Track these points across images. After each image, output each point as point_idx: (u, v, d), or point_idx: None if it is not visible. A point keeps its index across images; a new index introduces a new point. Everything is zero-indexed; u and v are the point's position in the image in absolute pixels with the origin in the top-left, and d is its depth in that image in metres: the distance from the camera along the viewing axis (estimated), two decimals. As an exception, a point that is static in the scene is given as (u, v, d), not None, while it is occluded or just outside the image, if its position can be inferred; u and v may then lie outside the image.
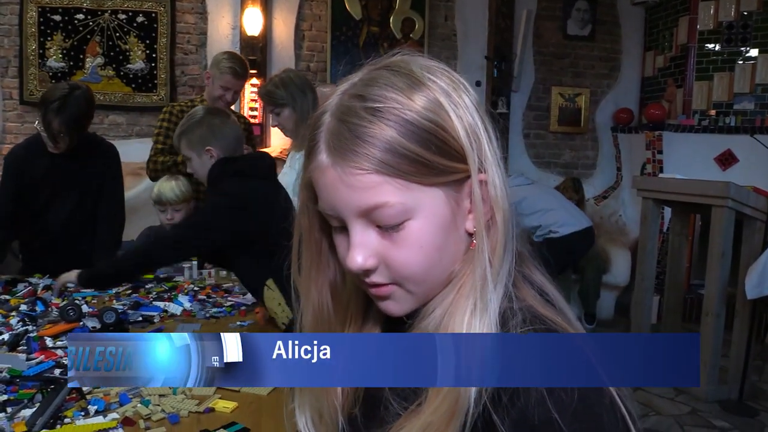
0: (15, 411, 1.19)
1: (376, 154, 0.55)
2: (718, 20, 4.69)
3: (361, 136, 0.56)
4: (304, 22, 4.73)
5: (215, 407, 1.27)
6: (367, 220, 0.58)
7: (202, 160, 1.81)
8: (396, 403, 0.59)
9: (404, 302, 0.62)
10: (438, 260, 0.59)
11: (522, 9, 4.99)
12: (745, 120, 4.64)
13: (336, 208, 0.59)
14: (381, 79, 0.58)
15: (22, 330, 1.65)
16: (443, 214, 0.59)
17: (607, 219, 5.05)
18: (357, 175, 0.56)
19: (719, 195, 3.13)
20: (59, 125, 2.15)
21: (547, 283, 0.64)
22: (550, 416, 0.50)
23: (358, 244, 0.59)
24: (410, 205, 0.57)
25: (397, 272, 0.59)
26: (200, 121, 1.82)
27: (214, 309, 1.96)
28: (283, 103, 2.31)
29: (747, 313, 3.21)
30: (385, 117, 0.56)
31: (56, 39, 4.31)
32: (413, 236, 0.58)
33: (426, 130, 0.56)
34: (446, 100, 0.57)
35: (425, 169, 0.56)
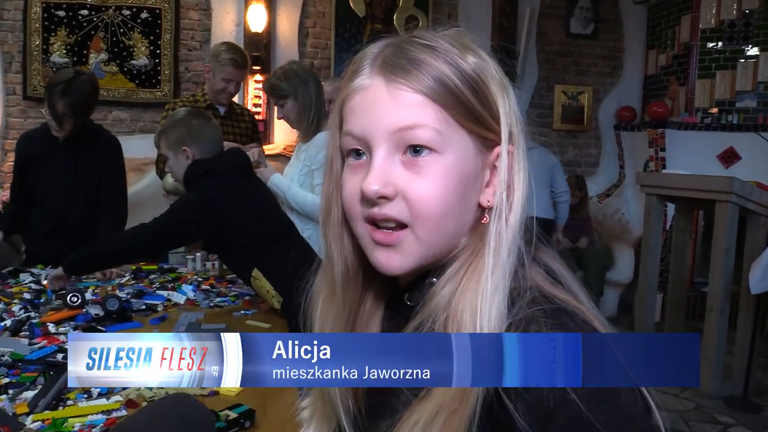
0: (17, 393, 1.19)
1: (428, 79, 0.57)
2: (720, 18, 4.69)
3: (415, 61, 0.58)
4: (308, 19, 4.74)
5: (220, 390, 1.26)
6: (395, 146, 0.58)
7: (178, 159, 1.84)
8: (406, 390, 0.57)
9: (409, 254, 0.59)
10: (457, 209, 0.59)
11: (525, 7, 4.98)
12: (747, 118, 4.64)
13: (369, 127, 0.59)
14: (435, 34, 0.61)
15: (24, 316, 1.64)
16: (469, 165, 0.59)
17: (610, 217, 5.04)
18: (405, 92, 0.58)
19: (723, 190, 3.13)
20: (64, 107, 2.21)
21: (556, 263, 0.62)
22: (566, 398, 0.49)
23: (379, 168, 0.58)
24: (444, 136, 0.58)
25: (416, 207, 0.58)
26: (180, 122, 1.86)
27: (217, 299, 1.96)
28: (286, 94, 2.31)
29: (751, 309, 3.20)
30: (439, 54, 0.58)
31: (60, 34, 4.32)
32: (439, 171, 0.58)
33: (474, 80, 0.59)
34: (494, 70, 0.61)
35: (466, 111, 0.58)
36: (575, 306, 0.56)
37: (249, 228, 1.76)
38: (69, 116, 2.24)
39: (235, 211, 1.75)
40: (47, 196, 2.35)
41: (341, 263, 0.66)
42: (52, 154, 2.33)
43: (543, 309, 0.54)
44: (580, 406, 0.49)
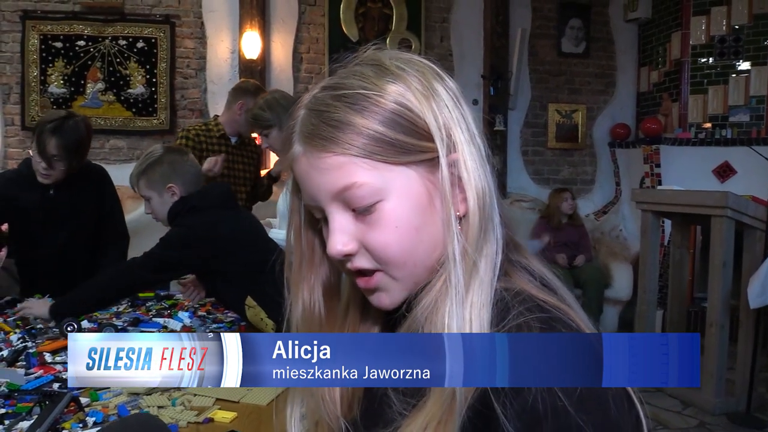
0: (12, 423, 1.18)
1: (340, 136, 0.57)
2: (710, 35, 4.75)
3: (326, 120, 0.58)
4: (302, 45, 4.80)
5: (214, 417, 1.26)
6: (342, 205, 0.59)
7: (163, 199, 1.80)
8: (399, 401, 0.57)
9: (393, 291, 0.61)
10: (418, 241, 0.59)
11: (516, 28, 5.05)
12: (741, 132, 4.67)
13: (313, 195, 0.60)
14: (351, 72, 0.61)
15: (21, 346, 1.64)
16: (417, 194, 0.59)
17: (608, 234, 5.04)
18: (324, 158, 0.58)
19: (717, 205, 3.14)
20: (55, 147, 2.04)
21: (545, 271, 0.62)
22: (556, 404, 0.49)
23: (337, 229, 0.59)
24: (380, 185, 0.57)
25: (377, 256, 0.59)
26: (160, 160, 1.80)
27: (214, 325, 1.96)
28: (270, 124, 2.28)
29: (751, 323, 3.19)
30: (350, 101, 0.58)
31: (57, 65, 4.37)
32: (388, 217, 0.58)
33: (391, 111, 0.57)
34: (414, 84, 0.59)
35: (392, 148, 0.57)
36: (566, 312, 0.56)
37: (239, 258, 1.76)
38: (59, 159, 2.05)
39: (224, 243, 1.75)
40: (41, 242, 2.24)
41: (309, 301, 0.68)
42: (42, 205, 2.18)
43: (535, 317, 0.54)
44: (570, 412, 0.49)
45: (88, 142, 2.19)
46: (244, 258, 1.76)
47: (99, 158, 4.37)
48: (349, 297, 0.69)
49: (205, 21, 4.60)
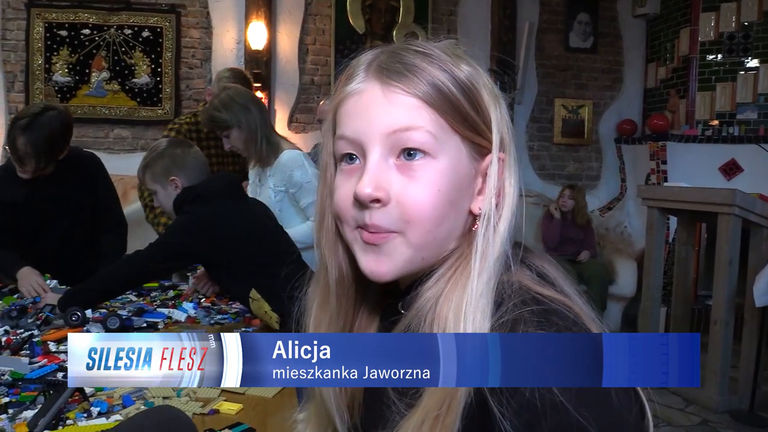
0: (16, 412, 1.18)
1: (422, 84, 0.58)
2: (719, 31, 4.72)
3: (410, 66, 0.58)
4: (308, 36, 4.77)
5: (220, 409, 1.25)
6: (389, 150, 0.58)
7: (167, 191, 1.82)
8: (398, 400, 0.57)
9: (397, 258, 0.58)
10: (447, 216, 0.59)
11: (524, 22, 5.02)
12: (748, 129, 4.64)
13: (363, 130, 0.58)
14: (429, 43, 0.62)
15: (26, 335, 1.63)
16: (462, 171, 0.59)
17: (613, 230, 5.02)
18: (400, 95, 0.58)
19: (725, 202, 3.12)
20: (23, 145, 1.98)
21: (544, 263, 0.62)
22: (554, 400, 0.48)
23: (372, 170, 0.57)
24: (439, 140, 0.58)
25: (408, 212, 0.57)
26: (162, 153, 1.83)
27: (218, 316, 1.95)
28: (229, 125, 2.19)
29: (756, 322, 3.18)
30: (434, 61, 0.59)
31: (62, 54, 4.36)
32: (434, 175, 0.58)
33: (467, 87, 0.59)
34: (485, 78, 0.62)
35: (460, 116, 0.58)
36: (564, 304, 0.55)
37: (243, 250, 1.75)
38: (31, 156, 1.99)
39: (229, 233, 1.74)
40: (39, 236, 2.22)
41: (335, 270, 0.65)
42: (32, 199, 2.13)
43: (531, 309, 0.53)
44: (569, 409, 0.48)
45: (62, 139, 2.09)
46: (248, 250, 1.75)
47: (103, 147, 4.36)
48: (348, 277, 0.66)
49: (211, 11, 4.58)
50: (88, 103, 4.41)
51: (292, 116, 4.77)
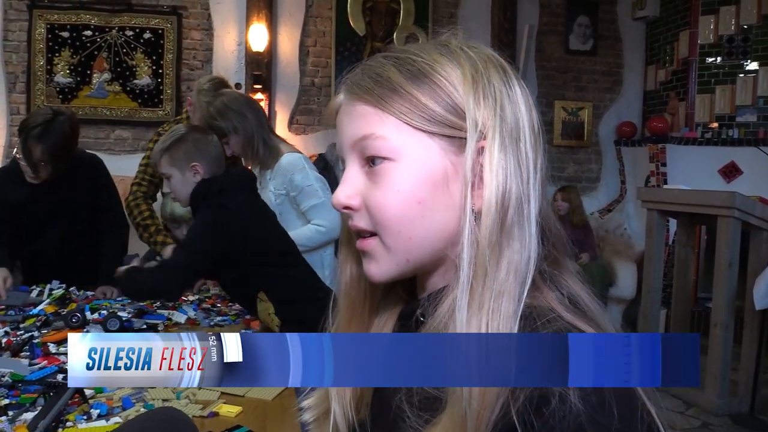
0: (16, 414, 1.18)
1: (376, 89, 0.58)
2: (718, 34, 4.73)
3: (369, 74, 0.59)
4: (309, 38, 4.78)
5: (219, 411, 1.25)
6: (358, 157, 0.60)
7: (185, 177, 1.73)
8: (414, 415, 0.55)
9: (382, 261, 0.59)
10: (417, 214, 0.57)
11: (524, 24, 5.03)
12: (748, 132, 4.65)
13: (340, 144, 0.62)
14: (416, 45, 0.61)
15: (26, 336, 1.64)
16: (432, 167, 0.57)
17: (612, 232, 5.03)
18: (356, 105, 0.59)
19: (724, 205, 3.12)
20: (41, 153, 2.01)
21: (578, 289, 0.58)
22: (583, 428, 0.46)
23: (346, 180, 0.60)
24: (397, 144, 0.57)
25: (373, 215, 0.58)
26: (184, 137, 1.75)
27: (218, 317, 1.95)
28: (226, 132, 2.18)
29: (756, 324, 3.18)
30: (398, 63, 0.59)
31: (64, 55, 4.36)
32: (393, 178, 0.57)
33: (433, 80, 0.57)
34: (469, 65, 0.57)
35: (421, 114, 0.56)
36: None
37: (262, 247, 1.72)
38: (47, 163, 2.02)
39: (251, 230, 1.70)
40: (39, 237, 2.23)
41: (349, 277, 0.67)
42: (33, 201, 2.15)
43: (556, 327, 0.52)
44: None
45: (74, 141, 2.14)
46: (265, 248, 1.73)
47: (104, 148, 4.37)
48: (366, 292, 0.67)
49: (212, 13, 4.59)
50: (89, 104, 4.42)
51: (292, 118, 4.78)
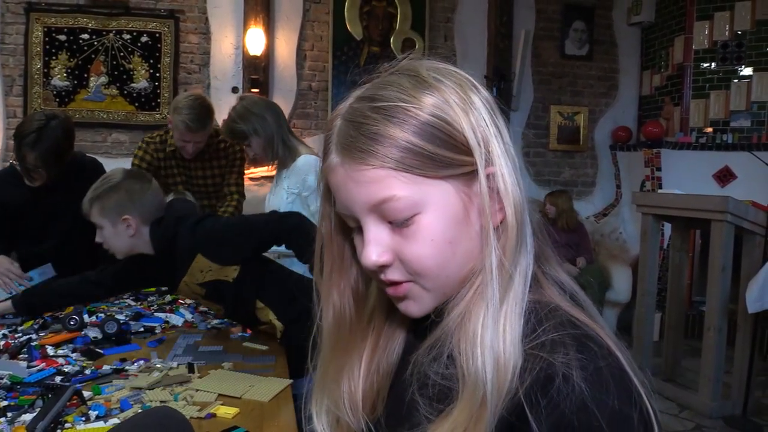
0: (15, 415, 1.19)
1: (379, 149, 0.57)
2: (713, 39, 4.77)
3: (366, 133, 0.58)
4: (306, 42, 4.80)
5: (217, 413, 1.26)
6: (378, 216, 0.59)
7: (116, 230, 1.62)
8: (427, 405, 0.58)
9: (422, 301, 0.62)
10: (451, 255, 0.59)
11: (520, 29, 5.05)
12: (742, 137, 4.69)
13: (349, 206, 0.61)
14: (389, 82, 0.60)
15: (25, 339, 1.65)
16: (454, 207, 0.59)
17: (608, 236, 5.05)
18: (363, 171, 0.58)
19: (718, 209, 3.15)
20: (35, 159, 2.04)
21: (574, 285, 0.63)
22: (591, 423, 0.50)
23: (372, 240, 0.60)
24: (418, 198, 0.57)
25: (411, 267, 0.60)
26: (117, 186, 1.63)
27: (215, 321, 1.96)
28: (247, 134, 2.28)
29: (749, 328, 3.20)
30: (389, 114, 0.58)
31: (61, 58, 4.37)
32: (424, 230, 0.58)
33: (430, 125, 0.57)
34: (452, 97, 0.58)
35: (430, 162, 0.57)
36: (595, 329, 0.56)
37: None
38: (41, 168, 2.06)
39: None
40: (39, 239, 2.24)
41: (342, 308, 0.69)
42: (33, 204, 2.18)
43: (570, 334, 0.54)
44: (603, 429, 0.49)
45: (68, 145, 2.16)
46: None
47: (101, 152, 4.37)
48: (376, 302, 0.69)
49: (209, 17, 4.60)
50: (86, 108, 4.43)
51: (289, 122, 4.78)
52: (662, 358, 3.72)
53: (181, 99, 2.54)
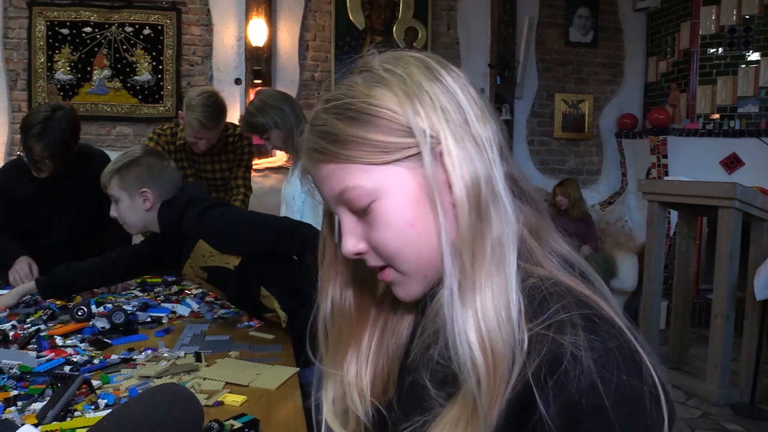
0: (26, 404, 1.20)
1: (328, 146, 0.61)
2: (719, 25, 4.72)
3: (317, 134, 0.62)
4: (308, 33, 4.78)
5: (224, 401, 1.27)
6: (346, 208, 0.62)
7: (134, 203, 1.65)
8: (437, 389, 0.58)
9: (405, 285, 0.63)
10: (415, 236, 0.60)
11: (524, 17, 5.02)
12: (749, 123, 4.65)
13: (326, 202, 0.66)
14: (343, 82, 0.64)
15: (34, 329, 1.65)
16: (409, 189, 0.59)
17: (613, 224, 5.03)
18: (319, 169, 0.62)
19: (725, 196, 3.13)
20: (41, 150, 2.05)
21: (581, 259, 0.63)
22: (600, 404, 0.49)
23: (346, 231, 0.63)
24: (370, 186, 0.59)
25: (380, 252, 0.62)
26: (138, 160, 1.66)
27: (221, 311, 1.97)
28: (267, 128, 2.29)
29: (756, 315, 3.19)
30: (335, 112, 0.61)
31: (64, 52, 4.37)
32: (382, 215, 0.60)
33: (368, 114, 0.59)
34: (398, 83, 0.59)
35: (374, 150, 0.59)
36: (599, 303, 0.56)
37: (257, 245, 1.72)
38: (48, 159, 2.07)
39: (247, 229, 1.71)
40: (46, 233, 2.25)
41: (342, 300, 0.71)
42: (41, 196, 2.18)
43: (580, 314, 0.54)
44: (610, 413, 0.49)
45: (74, 136, 2.16)
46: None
47: (105, 145, 4.38)
48: (384, 286, 0.70)
49: (211, 8, 4.59)
50: (90, 101, 4.43)
51: (293, 113, 4.78)
52: (669, 346, 3.72)
53: (194, 96, 2.51)
